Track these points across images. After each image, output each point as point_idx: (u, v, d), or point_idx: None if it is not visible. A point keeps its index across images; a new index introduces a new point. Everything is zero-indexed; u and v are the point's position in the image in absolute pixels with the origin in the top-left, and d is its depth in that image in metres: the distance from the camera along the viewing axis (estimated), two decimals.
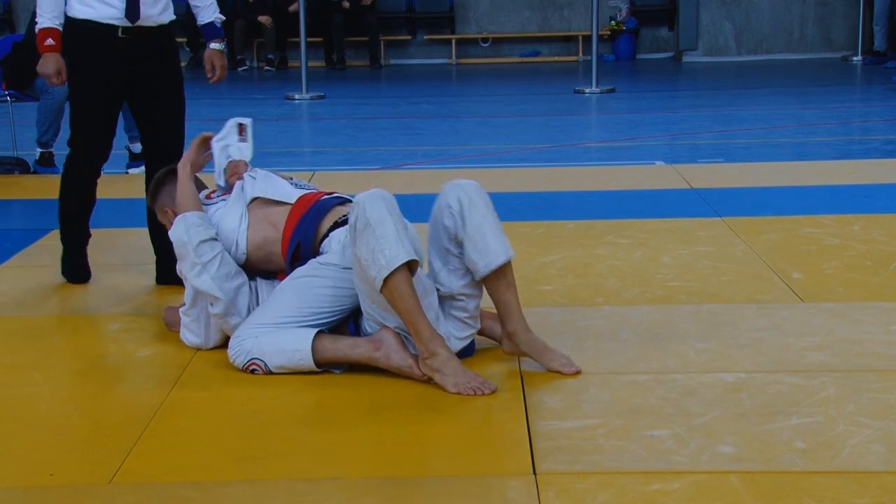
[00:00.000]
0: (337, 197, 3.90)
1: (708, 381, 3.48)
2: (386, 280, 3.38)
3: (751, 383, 3.46)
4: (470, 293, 3.64)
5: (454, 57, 16.08)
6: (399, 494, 2.82)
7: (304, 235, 3.76)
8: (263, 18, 15.21)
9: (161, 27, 4.57)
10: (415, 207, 4.14)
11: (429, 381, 3.48)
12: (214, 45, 4.78)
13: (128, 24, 4.48)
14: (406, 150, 8.60)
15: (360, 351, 3.55)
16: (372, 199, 3.44)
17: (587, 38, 14.06)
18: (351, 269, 3.60)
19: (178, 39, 5.45)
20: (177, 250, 3.83)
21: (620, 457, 2.98)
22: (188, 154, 4.06)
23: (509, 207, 6.09)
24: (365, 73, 15.23)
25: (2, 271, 4.98)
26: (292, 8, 13.99)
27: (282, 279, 3.84)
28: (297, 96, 11.98)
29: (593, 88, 12.10)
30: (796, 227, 5.44)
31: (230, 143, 4.14)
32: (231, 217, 3.90)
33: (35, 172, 7.47)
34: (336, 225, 3.75)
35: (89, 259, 4.84)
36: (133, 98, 4.66)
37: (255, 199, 3.91)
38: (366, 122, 10.67)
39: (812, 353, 3.73)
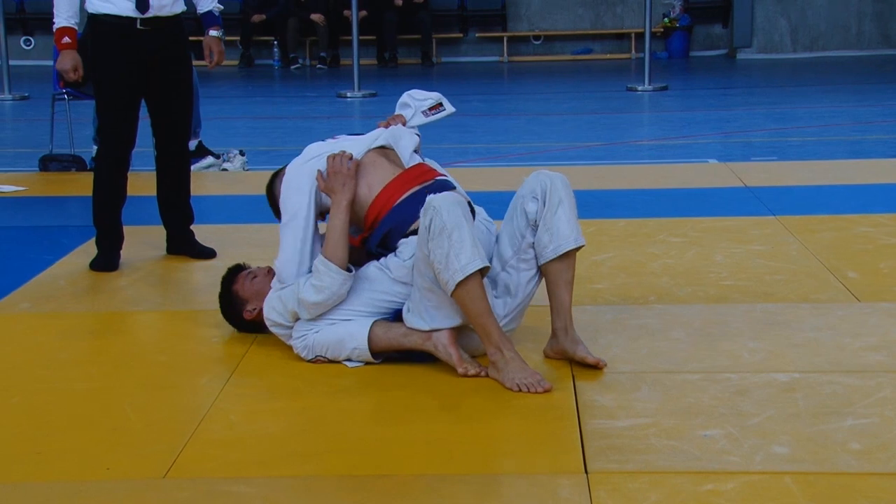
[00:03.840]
0: (447, 181, 3.84)
1: (761, 381, 3.45)
2: (459, 284, 3.43)
3: (805, 383, 3.43)
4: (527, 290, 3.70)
5: (506, 54, 16.05)
6: (450, 492, 2.83)
7: (397, 224, 3.73)
8: (316, 17, 15.27)
9: (175, 17, 4.85)
10: None
11: (476, 375, 3.54)
12: (213, 33, 5.13)
13: (143, 15, 4.74)
14: (457, 148, 8.60)
15: (413, 339, 3.63)
16: (448, 203, 3.47)
17: (640, 36, 13.98)
18: (405, 283, 3.65)
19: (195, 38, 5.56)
20: (322, 300, 3.68)
21: (673, 456, 2.96)
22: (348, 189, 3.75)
23: None
24: (417, 70, 15.25)
25: (59, 267, 5.04)
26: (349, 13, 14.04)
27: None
28: (349, 94, 12.01)
29: (646, 86, 12.04)
30: (852, 226, 5.38)
31: (415, 105, 4.12)
32: (351, 150, 3.84)
33: (91, 170, 7.55)
34: None
35: (134, 252, 5.01)
36: (150, 87, 4.88)
37: (379, 147, 3.90)
38: None
39: (868, 353, 3.69)
